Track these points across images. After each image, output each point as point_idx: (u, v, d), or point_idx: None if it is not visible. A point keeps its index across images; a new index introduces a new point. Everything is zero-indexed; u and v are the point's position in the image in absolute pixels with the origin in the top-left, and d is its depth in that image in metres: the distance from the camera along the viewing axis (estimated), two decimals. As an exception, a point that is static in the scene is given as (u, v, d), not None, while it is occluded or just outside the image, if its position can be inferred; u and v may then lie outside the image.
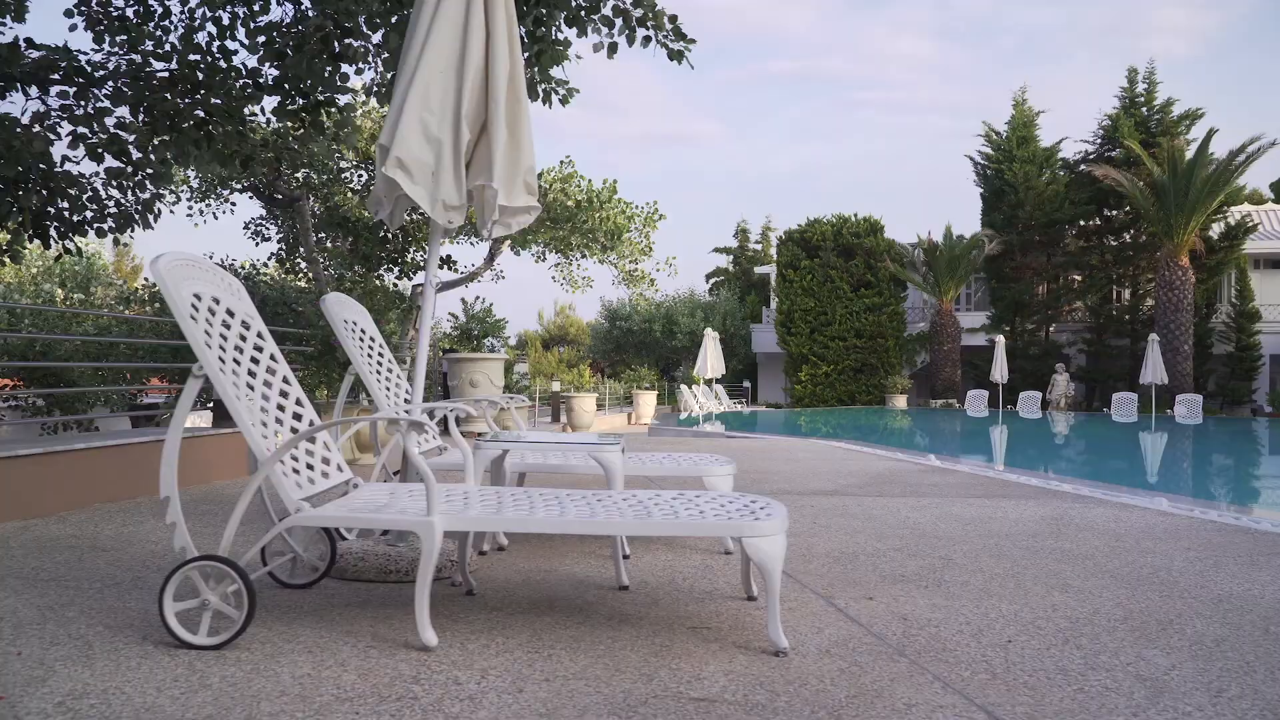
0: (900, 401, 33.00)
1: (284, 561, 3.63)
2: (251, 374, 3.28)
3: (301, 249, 13.29)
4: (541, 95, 7.00)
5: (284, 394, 3.43)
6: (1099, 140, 33.77)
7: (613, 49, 6.49)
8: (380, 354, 5.03)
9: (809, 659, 2.84)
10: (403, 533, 3.96)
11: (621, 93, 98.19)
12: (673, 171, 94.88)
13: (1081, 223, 33.85)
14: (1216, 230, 32.18)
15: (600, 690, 2.53)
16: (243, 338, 3.32)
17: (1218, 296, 33.37)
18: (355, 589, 3.66)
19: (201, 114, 6.24)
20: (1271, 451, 17.86)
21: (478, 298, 11.33)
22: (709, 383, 30.57)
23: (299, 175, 12.82)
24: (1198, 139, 29.82)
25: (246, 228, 14.05)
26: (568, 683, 2.59)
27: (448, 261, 13.28)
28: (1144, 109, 32.81)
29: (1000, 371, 29.65)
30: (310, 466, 3.34)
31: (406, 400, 4.91)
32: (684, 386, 28.81)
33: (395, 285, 13.03)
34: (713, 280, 45.29)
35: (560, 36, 6.40)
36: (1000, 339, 30.08)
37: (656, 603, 3.54)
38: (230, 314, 3.31)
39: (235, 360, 3.20)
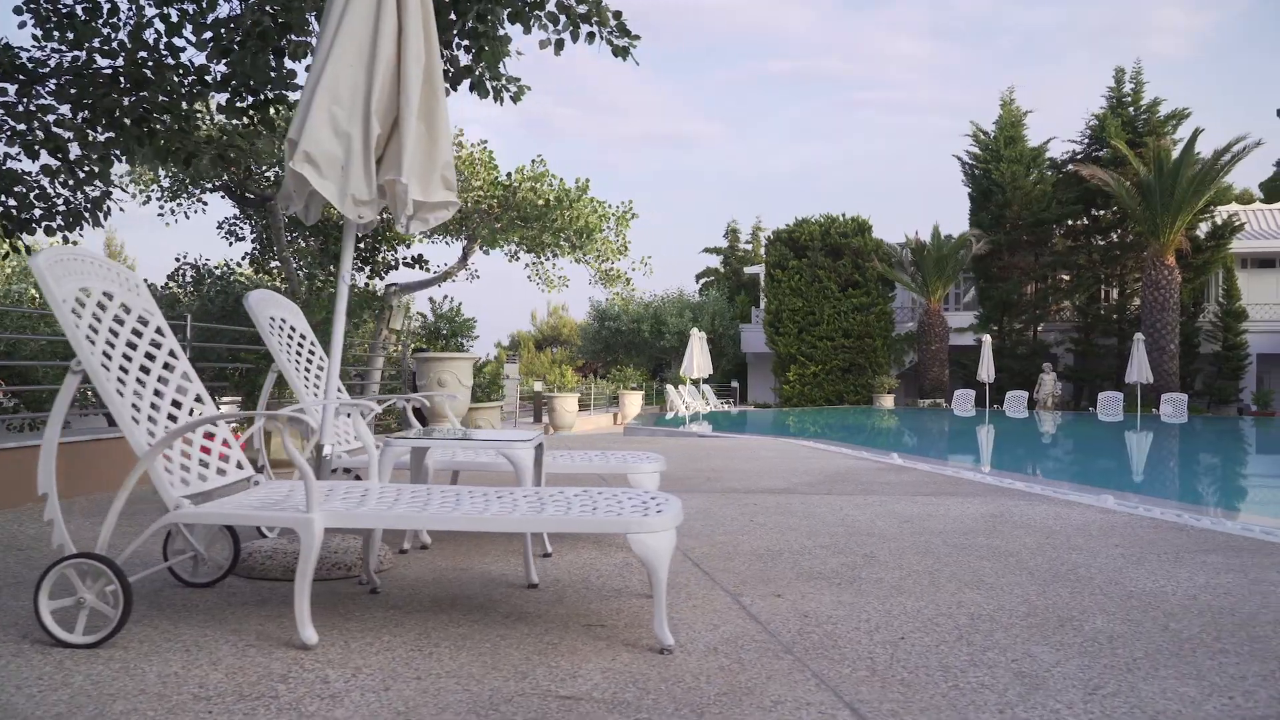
0: (887, 401, 32.99)
1: (185, 559, 3.59)
2: (145, 370, 3.25)
3: (275, 249, 13.25)
4: (492, 93, 6.96)
5: (181, 390, 3.39)
6: (1087, 140, 33.78)
7: (559, 45, 6.45)
8: (311, 351, 4.99)
9: (694, 656, 2.81)
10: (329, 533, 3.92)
11: (620, 93, 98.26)
12: (671, 171, 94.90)
13: (1069, 222, 33.84)
14: (1204, 230, 32.19)
15: (469, 689, 2.50)
16: (137, 333, 3.28)
17: (1205, 296, 33.39)
18: (259, 587, 3.63)
19: (143, 110, 6.20)
20: (1243, 450, 17.86)
21: (446, 297, 11.29)
22: (696, 383, 30.56)
23: (270, 174, 12.78)
24: (1184, 139, 29.82)
25: (220, 227, 14.01)
26: (438, 681, 2.56)
27: (419, 261, 13.24)
28: (1131, 109, 32.82)
29: (987, 371, 29.64)
30: (204, 464, 3.31)
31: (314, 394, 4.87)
32: (670, 387, 28.78)
33: (367, 285, 13.00)
34: (703, 280, 45.25)
35: (503, 33, 6.35)
36: (987, 338, 30.08)
37: (561, 600, 3.51)
38: (126, 309, 3.28)
39: (126, 356, 3.16)
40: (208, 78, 6.73)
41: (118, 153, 6.28)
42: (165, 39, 6.80)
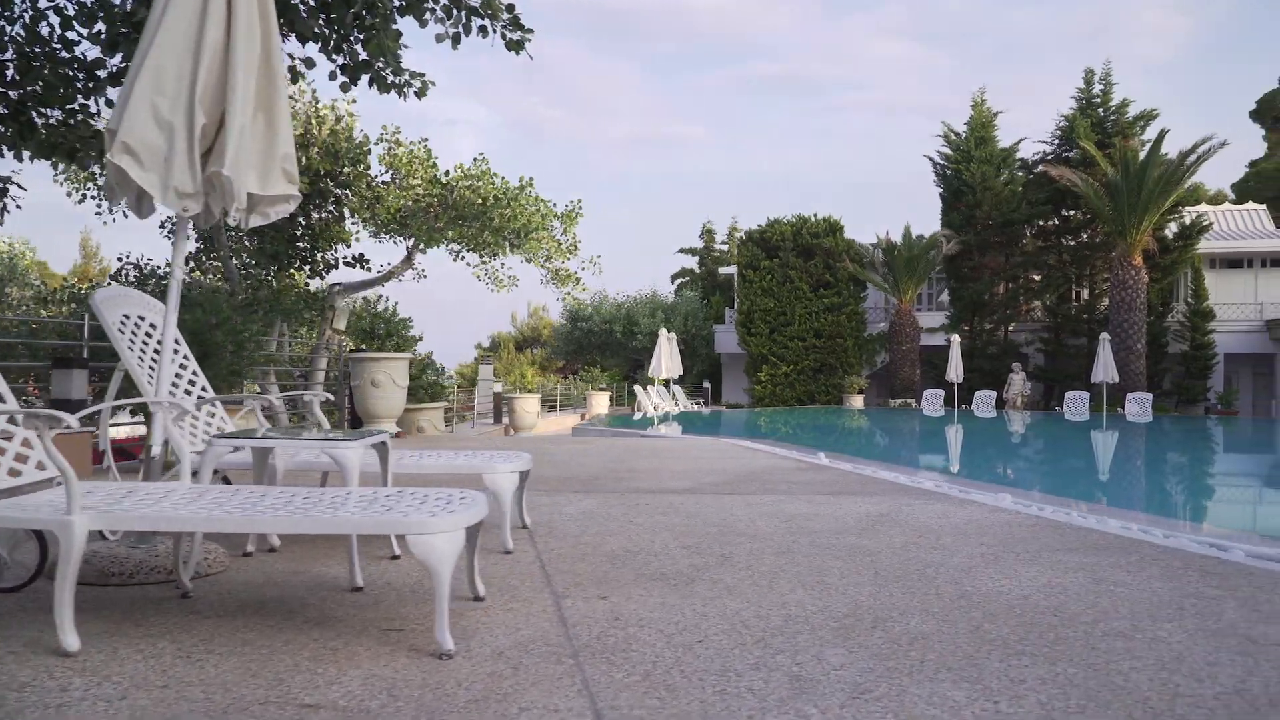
0: (857, 401, 32.98)
1: (-13, 563, 3.48)
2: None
3: (216, 248, 13.10)
4: (396, 89, 6.86)
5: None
6: (1057, 141, 33.85)
7: (455, 40, 6.35)
8: (174, 349, 4.87)
9: (472, 662, 2.71)
10: (144, 534, 3.81)
11: (607, 95, 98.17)
12: (654, 173, 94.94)
13: (1039, 223, 33.90)
14: (1172, 230, 32.28)
15: (212, 697, 2.40)
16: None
17: (1173, 296, 33.48)
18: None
19: (25, 104, 6.07)
20: (1183, 450, 17.86)
21: (380, 296, 11.18)
22: (665, 383, 30.48)
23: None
24: (1153, 140, 29.88)
25: (163, 226, 13.84)
26: (184, 689, 2.46)
27: (360, 260, 13.12)
28: (1100, 110, 32.89)
29: (956, 371, 29.68)
30: (-6, 463, 3.20)
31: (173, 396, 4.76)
32: (639, 387, 28.69)
33: (308, 285, 12.86)
34: (678, 281, 45.18)
35: (395, 26, 6.25)
36: (955, 338, 30.12)
37: (377, 604, 3.41)
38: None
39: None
40: (100, 72, 6.61)
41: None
42: (60, 32, 6.68)
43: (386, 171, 12.79)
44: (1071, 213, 33.27)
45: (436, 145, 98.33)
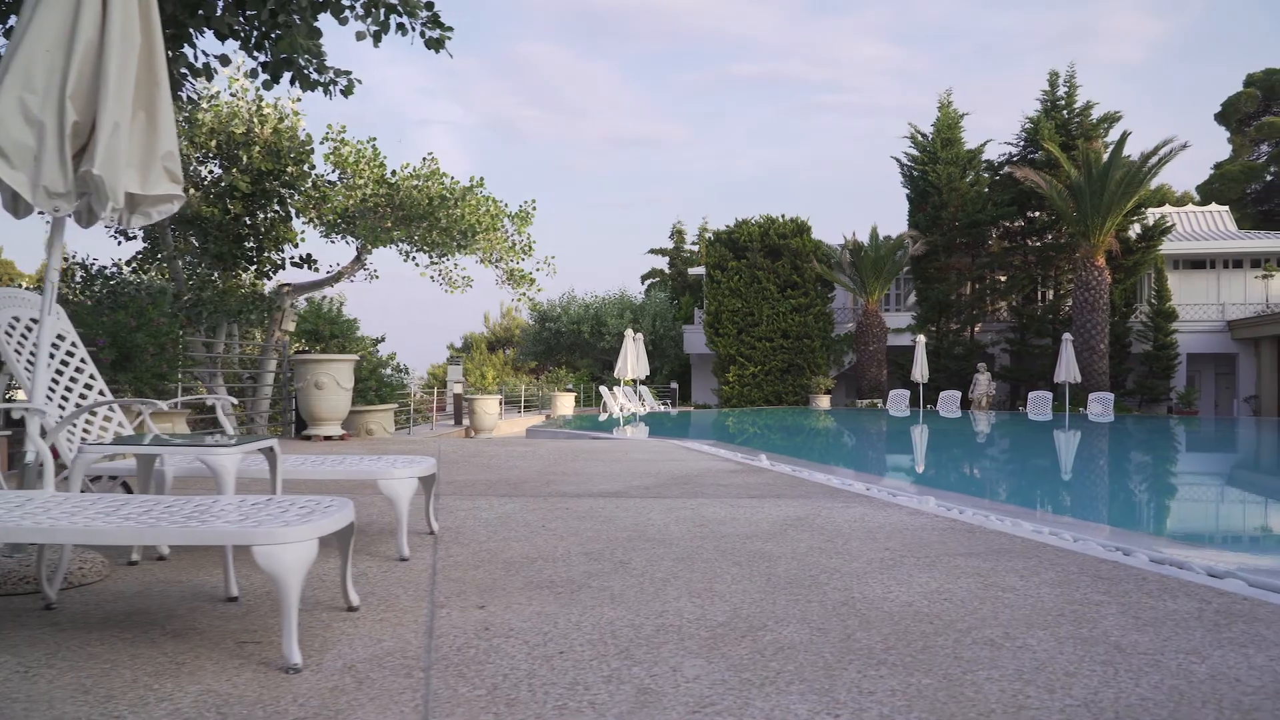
0: (823, 402, 33.04)
1: None
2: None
3: (161, 249, 12.92)
4: (321, 87, 6.75)
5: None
6: (1022, 143, 34.05)
7: (377, 37, 6.26)
8: (69, 354, 4.76)
9: (320, 676, 2.63)
10: (17, 545, 3.70)
11: (586, 95, 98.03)
12: (634, 173, 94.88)
13: (1005, 224, 34.10)
14: (1136, 231, 32.55)
15: (30, 715, 2.31)
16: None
17: (1137, 296, 33.75)
18: (-73, 604, 3.41)
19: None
20: (1131, 450, 17.95)
21: (325, 297, 11.05)
22: (633, 384, 30.42)
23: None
24: (1115, 142, 30.13)
25: (109, 226, 13.63)
26: (6, 705, 2.37)
27: (307, 261, 12.96)
28: (1064, 112, 33.11)
29: (921, 371, 29.79)
30: None
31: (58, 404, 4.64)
32: (605, 388, 28.61)
33: (254, 285, 12.70)
34: (649, 282, 45.12)
35: (312, 24, 6.15)
36: (921, 339, 30.23)
37: (246, 615, 3.32)
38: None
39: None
40: None
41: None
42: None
43: (333, 171, 12.67)
44: (1037, 214, 33.50)
45: (411, 145, 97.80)
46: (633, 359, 27.53)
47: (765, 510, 5.73)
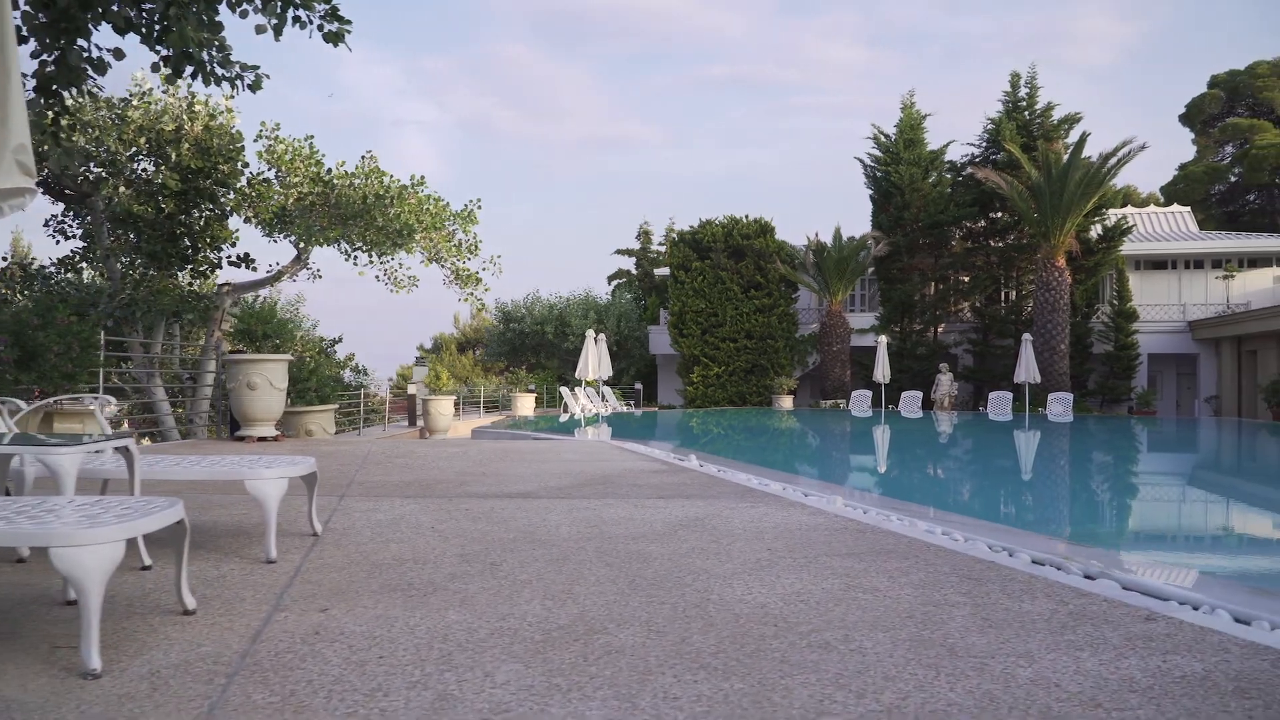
0: (786, 402, 33.06)
1: None
2: None
3: (99, 247, 12.71)
4: (228, 82, 6.63)
5: None
6: (985, 143, 34.19)
7: (277, 30, 6.15)
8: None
9: (118, 681, 2.55)
10: None
11: (561, 96, 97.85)
12: (608, 174, 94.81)
13: (968, 224, 34.23)
14: (1097, 232, 32.74)
15: None
16: None
17: (1099, 297, 33.96)
18: None
19: None
20: (1082, 449, 18.03)
21: (256, 297, 10.89)
22: (594, 385, 30.31)
23: (91, 169, 12.25)
24: (1074, 143, 30.30)
25: (47, 225, 13.44)
26: None
27: (245, 260, 12.79)
28: (1026, 113, 33.27)
29: (883, 372, 29.84)
30: None
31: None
32: (565, 389, 28.51)
33: (191, 285, 12.52)
34: (615, 282, 45.04)
35: (213, 18, 6.04)
36: (882, 339, 30.29)
37: (78, 619, 3.21)
38: None
39: None
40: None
41: None
42: None
43: (270, 169, 12.49)
44: (999, 214, 33.64)
45: (387, 146, 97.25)
46: (594, 360, 27.43)
47: (668, 511, 5.67)
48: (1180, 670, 2.63)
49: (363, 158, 12.44)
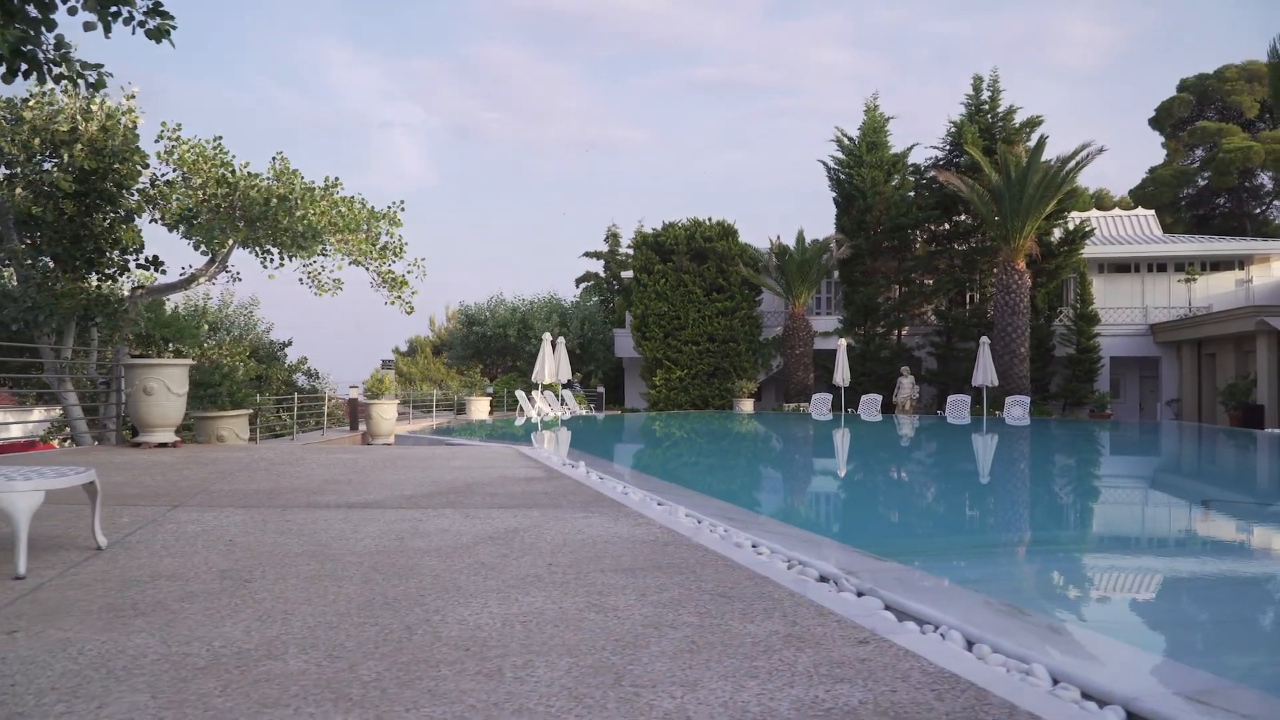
0: (747, 406, 32.95)
1: None
2: None
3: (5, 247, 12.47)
4: (68, 80, 6.44)
5: None
6: (948, 146, 34.13)
7: (106, 26, 5.97)
8: None
9: None
10: None
11: (548, 98, 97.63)
12: (594, 176, 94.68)
13: (931, 227, 34.19)
14: (1059, 235, 32.74)
15: None
16: None
17: (1062, 300, 33.96)
18: None
19: None
20: (1009, 454, 17.88)
21: (163, 300, 10.68)
22: (553, 388, 30.15)
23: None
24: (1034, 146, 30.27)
25: None
26: None
27: (154, 263, 12.57)
28: (988, 116, 33.24)
29: (842, 375, 29.77)
30: None
31: None
32: (521, 392, 28.33)
33: (98, 288, 12.29)
34: (583, 285, 44.88)
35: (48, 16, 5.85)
36: (842, 342, 30.22)
37: None
38: None
39: None
40: None
41: None
42: None
43: (174, 170, 12.26)
44: (962, 218, 33.60)
45: (374, 148, 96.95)
46: (551, 363, 27.29)
47: (494, 522, 5.50)
48: (834, 701, 2.48)
49: (273, 159, 12.27)
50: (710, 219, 34.81)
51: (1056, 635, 3.25)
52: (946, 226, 34.28)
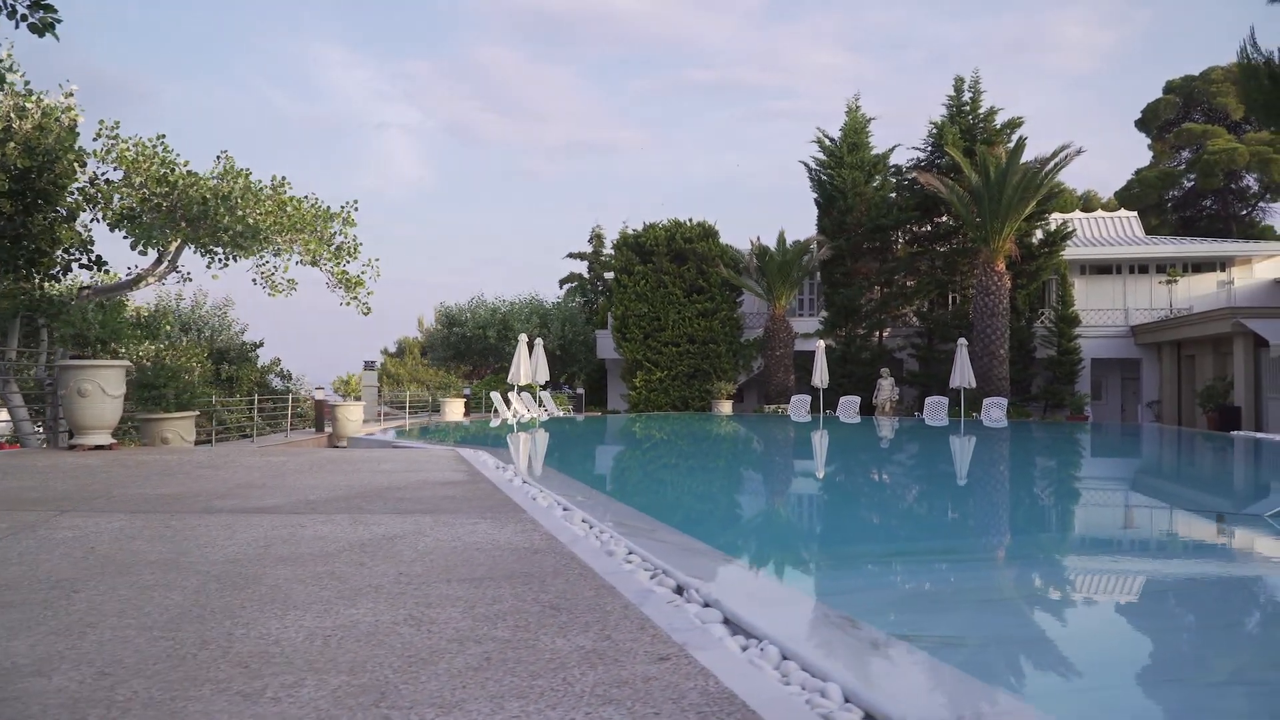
0: (726, 408, 32.84)
1: None
2: None
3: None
4: (7, 15, 6.21)
5: None
6: (930, 148, 34.03)
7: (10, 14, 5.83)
8: None
9: None
10: None
11: (544, 100, 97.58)
12: (590, 177, 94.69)
13: (913, 229, 34.09)
14: (1039, 236, 32.65)
15: None
16: None
17: (1043, 301, 33.87)
18: None
19: None
20: (963, 457, 17.69)
21: (123, 302, 10.53)
22: (530, 389, 30.03)
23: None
24: (1012, 147, 30.18)
25: None
26: None
27: (97, 263, 12.42)
28: (969, 117, 33.14)
29: (821, 377, 29.65)
30: None
31: None
32: (496, 394, 28.21)
33: (41, 288, 12.14)
34: (567, 286, 44.73)
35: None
36: (820, 344, 30.11)
37: None
38: None
39: None
40: None
41: None
42: None
43: (114, 168, 12.12)
44: (943, 219, 33.50)
45: (371, 148, 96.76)
46: (526, 364, 27.15)
47: (379, 528, 5.37)
48: (586, 725, 2.35)
49: (218, 157, 12.11)
50: (691, 220, 34.70)
51: (874, 650, 3.13)
52: (928, 228, 34.19)
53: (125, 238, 12.04)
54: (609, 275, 39.24)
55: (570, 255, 44.13)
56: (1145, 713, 3.40)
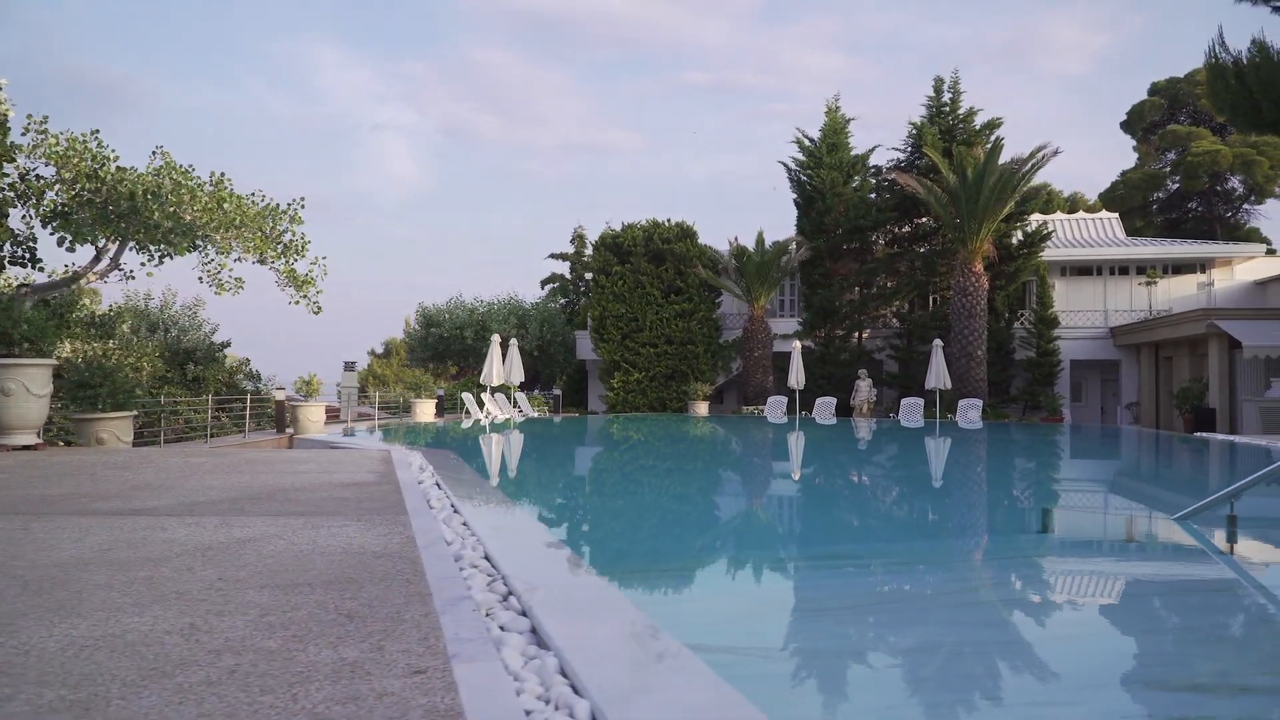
0: (702, 409, 32.69)
1: None
2: None
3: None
4: None
5: None
6: (909, 148, 33.92)
7: None
8: None
9: None
10: None
11: (540, 102, 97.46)
12: (586, 179, 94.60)
13: (892, 229, 33.97)
14: (1018, 238, 32.53)
15: None
16: None
17: (1023, 303, 33.75)
18: None
19: None
20: (925, 456, 17.49)
21: (36, 299, 10.37)
22: (504, 390, 29.87)
23: None
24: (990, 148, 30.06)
25: None
26: None
27: (32, 259, 12.26)
28: (949, 118, 33.03)
29: (797, 378, 29.52)
30: None
31: None
32: (467, 394, 28.04)
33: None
34: (548, 287, 44.58)
35: None
36: (796, 345, 29.98)
37: None
38: None
39: None
40: None
41: None
42: None
43: (44, 164, 11.95)
44: (923, 219, 33.39)
45: (364, 149, 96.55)
46: (499, 365, 26.99)
47: (238, 531, 5.22)
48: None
49: (153, 153, 11.93)
50: (669, 220, 34.56)
51: (656, 662, 2.97)
52: (907, 229, 34.07)
53: (52, 234, 11.86)
54: (589, 275, 39.09)
55: (552, 255, 44.01)
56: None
